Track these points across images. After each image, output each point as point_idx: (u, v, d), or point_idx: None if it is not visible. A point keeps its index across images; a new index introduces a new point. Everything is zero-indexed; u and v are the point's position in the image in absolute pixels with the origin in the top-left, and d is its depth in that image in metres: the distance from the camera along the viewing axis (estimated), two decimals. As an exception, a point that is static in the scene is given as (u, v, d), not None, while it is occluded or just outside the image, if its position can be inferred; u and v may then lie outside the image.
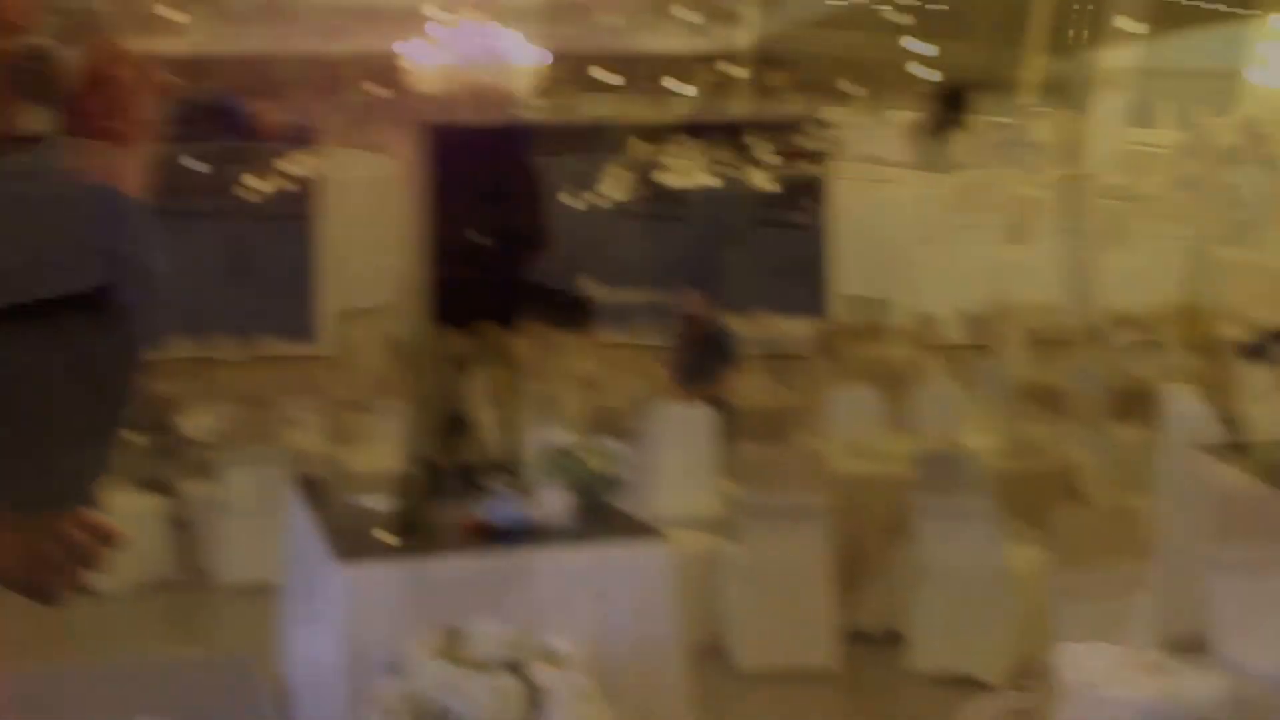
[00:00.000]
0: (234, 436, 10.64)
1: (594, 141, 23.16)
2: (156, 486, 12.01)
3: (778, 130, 23.40)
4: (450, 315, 21.88)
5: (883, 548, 8.47)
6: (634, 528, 6.19)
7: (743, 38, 15.45)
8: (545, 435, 6.55)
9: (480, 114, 15.58)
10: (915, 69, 19.96)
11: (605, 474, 6.34)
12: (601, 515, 6.18)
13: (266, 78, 18.65)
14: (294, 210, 21.63)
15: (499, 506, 5.97)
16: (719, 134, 23.17)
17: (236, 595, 10.39)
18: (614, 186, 23.51)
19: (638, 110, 22.03)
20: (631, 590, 5.65)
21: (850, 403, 11.00)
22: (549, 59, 15.23)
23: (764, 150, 23.46)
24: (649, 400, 11.26)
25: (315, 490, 7.35)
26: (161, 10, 15.53)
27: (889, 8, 15.19)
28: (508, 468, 6.39)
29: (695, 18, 9.93)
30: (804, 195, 23.57)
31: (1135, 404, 11.90)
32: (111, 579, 10.23)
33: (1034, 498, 8.45)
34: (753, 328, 19.66)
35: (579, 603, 5.64)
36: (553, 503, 6.00)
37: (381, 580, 5.56)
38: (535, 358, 17.14)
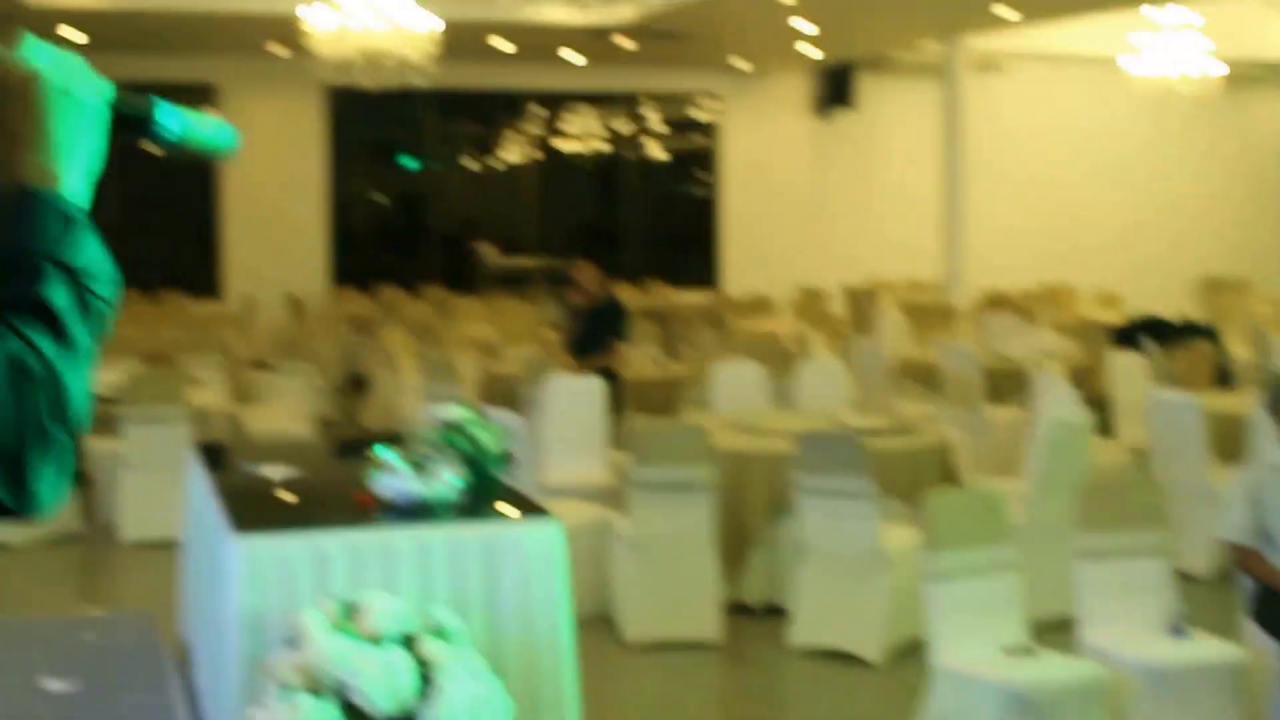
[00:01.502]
0: (137, 393, 10.50)
1: (490, 108, 23.05)
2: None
3: (669, 101, 23.40)
4: (351, 275, 21.78)
5: (765, 523, 8.50)
6: (524, 505, 6.16)
7: (633, 11, 15.41)
8: (437, 408, 6.48)
9: (379, 79, 15.43)
10: (802, 47, 19.97)
11: (496, 450, 6.30)
12: (492, 491, 6.15)
13: (165, 29, 18.37)
14: (199, 162, 21.38)
15: (392, 481, 5.92)
16: (613, 103, 23.14)
17: (139, 551, 10.29)
18: (510, 152, 23.42)
19: (533, 78, 21.95)
20: (521, 567, 5.63)
21: (735, 377, 11.02)
22: (444, 26, 15.10)
23: (656, 120, 23.47)
24: (541, 369, 11.23)
25: (216, 457, 7.28)
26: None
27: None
28: (401, 439, 6.32)
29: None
30: (695, 166, 23.61)
31: (1008, 384, 12.03)
32: (17, 533, 10.11)
33: (910, 476, 8.51)
34: (644, 296, 19.69)
35: (469, 579, 5.61)
36: (444, 478, 5.95)
37: (278, 552, 5.50)
38: (432, 321, 17.08)
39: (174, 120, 1.91)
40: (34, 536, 10.25)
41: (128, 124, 1.89)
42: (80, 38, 18.45)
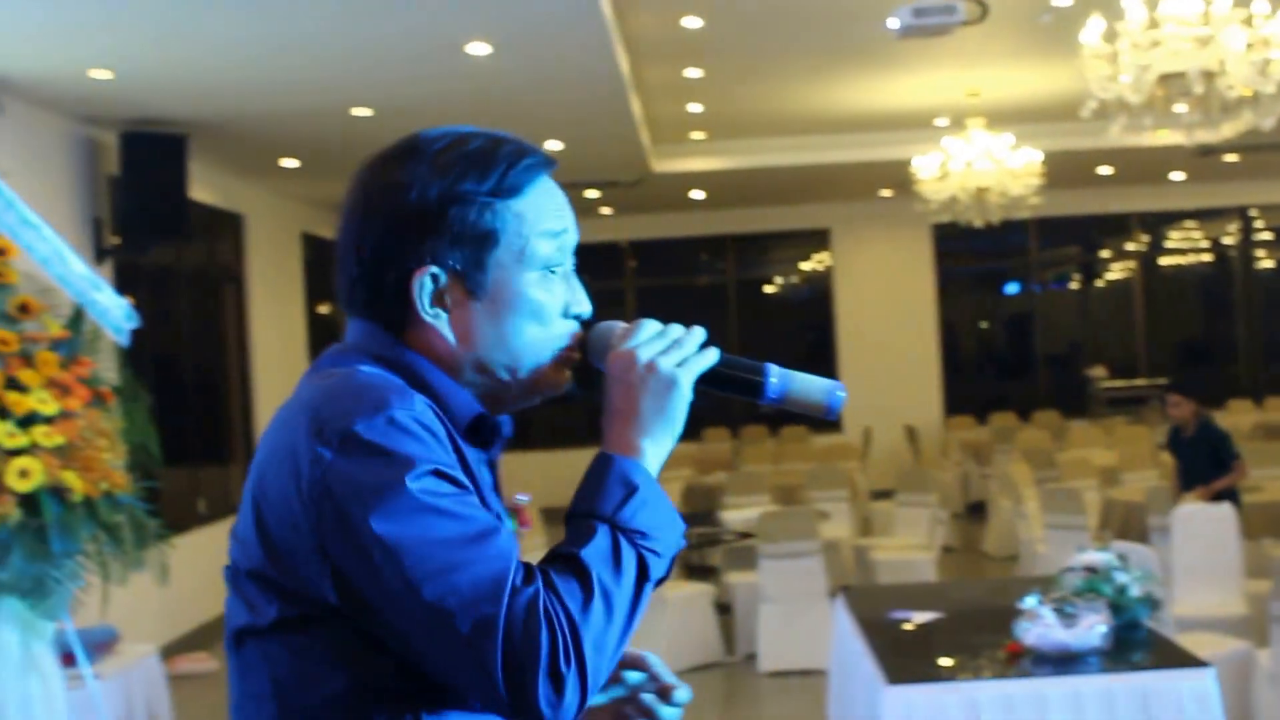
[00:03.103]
0: (773, 531, 10.70)
1: (1092, 230, 22.59)
2: (703, 573, 12.26)
3: (1276, 211, 22.36)
4: (962, 402, 21.60)
5: None
6: (1175, 653, 5.88)
7: (1240, 126, 14.81)
8: (1079, 555, 6.30)
9: (984, 214, 15.37)
10: None
11: (1141, 596, 6.08)
12: (1139, 639, 5.93)
13: (784, 184, 18.88)
14: (809, 298, 21.92)
15: (1039, 631, 5.78)
16: (1217, 217, 22.29)
17: (777, 680, 10.43)
18: (1113, 272, 22.88)
19: (1135, 199, 21.42)
20: (1175, 717, 5.38)
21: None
22: (1046, 158, 14.95)
23: (1264, 229, 22.46)
24: (1165, 497, 10.80)
25: (858, 603, 7.28)
26: (679, 131, 15.91)
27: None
28: (1047, 589, 6.17)
29: (1189, 112, 9.49)
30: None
31: None
32: (670, 660, 10.37)
33: None
34: (1261, 412, 18.77)
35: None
36: (1091, 626, 5.77)
37: (931, 701, 5.46)
38: (1047, 446, 16.74)
39: (781, 382, 1.97)
40: (681, 662, 10.51)
41: (736, 384, 1.97)
42: (702, 195, 19.22)
